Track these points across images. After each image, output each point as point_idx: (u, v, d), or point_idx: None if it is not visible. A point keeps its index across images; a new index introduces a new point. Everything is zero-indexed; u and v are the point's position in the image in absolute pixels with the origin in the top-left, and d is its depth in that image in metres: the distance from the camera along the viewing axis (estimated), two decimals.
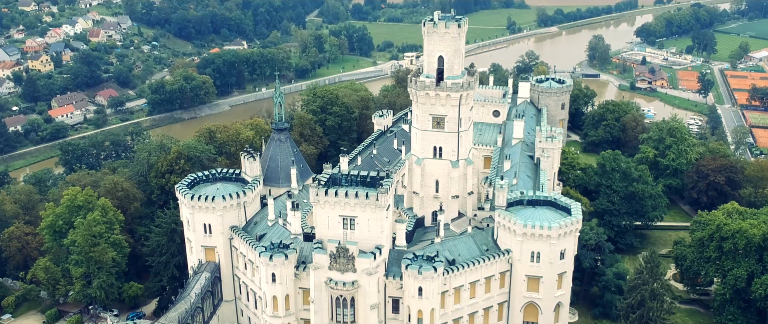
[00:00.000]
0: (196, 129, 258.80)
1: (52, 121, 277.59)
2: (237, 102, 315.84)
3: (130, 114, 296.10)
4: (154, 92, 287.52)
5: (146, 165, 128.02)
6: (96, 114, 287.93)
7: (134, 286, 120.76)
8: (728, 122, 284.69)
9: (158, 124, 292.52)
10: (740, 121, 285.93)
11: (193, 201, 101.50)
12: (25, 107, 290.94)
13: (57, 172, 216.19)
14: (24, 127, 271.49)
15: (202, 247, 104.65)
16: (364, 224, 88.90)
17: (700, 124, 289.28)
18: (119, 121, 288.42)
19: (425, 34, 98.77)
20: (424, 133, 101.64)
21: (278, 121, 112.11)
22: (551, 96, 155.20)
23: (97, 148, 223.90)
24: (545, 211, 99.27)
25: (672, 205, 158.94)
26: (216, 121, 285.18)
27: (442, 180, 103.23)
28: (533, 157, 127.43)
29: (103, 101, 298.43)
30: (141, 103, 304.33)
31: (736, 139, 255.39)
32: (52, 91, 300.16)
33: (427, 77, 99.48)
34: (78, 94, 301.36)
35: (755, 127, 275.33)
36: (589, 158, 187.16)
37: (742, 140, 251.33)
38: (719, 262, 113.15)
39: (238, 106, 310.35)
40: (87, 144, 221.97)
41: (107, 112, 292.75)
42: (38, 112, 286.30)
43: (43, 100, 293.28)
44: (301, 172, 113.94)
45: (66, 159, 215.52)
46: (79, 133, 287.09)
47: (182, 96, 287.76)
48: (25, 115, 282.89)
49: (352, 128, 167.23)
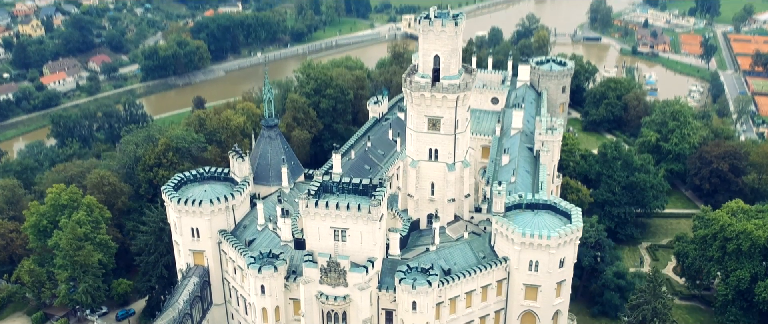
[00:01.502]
0: (190, 95, 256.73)
1: (43, 89, 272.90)
2: (232, 67, 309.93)
3: (124, 80, 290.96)
4: (147, 58, 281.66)
5: (133, 158, 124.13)
6: (89, 81, 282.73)
7: (123, 283, 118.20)
8: (730, 89, 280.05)
9: (152, 90, 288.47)
10: (743, 87, 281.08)
11: (179, 205, 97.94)
12: (16, 74, 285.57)
13: (49, 144, 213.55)
14: (15, 95, 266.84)
15: (191, 250, 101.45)
16: (356, 236, 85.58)
17: (702, 91, 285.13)
18: (112, 88, 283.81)
19: (420, 32, 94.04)
20: (419, 134, 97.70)
21: (268, 118, 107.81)
22: (552, 79, 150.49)
23: (89, 120, 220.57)
24: (545, 216, 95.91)
25: (674, 190, 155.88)
26: (211, 88, 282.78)
27: (438, 183, 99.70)
28: (532, 149, 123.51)
29: (95, 67, 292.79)
30: (134, 68, 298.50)
31: (738, 108, 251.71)
32: (43, 57, 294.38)
33: (423, 77, 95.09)
34: (70, 59, 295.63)
35: (758, 94, 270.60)
36: (589, 138, 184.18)
37: (744, 109, 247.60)
38: (722, 263, 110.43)
39: (234, 71, 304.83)
40: (79, 115, 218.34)
41: (100, 78, 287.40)
42: (30, 79, 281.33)
43: (34, 67, 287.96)
44: (293, 170, 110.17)
45: (57, 131, 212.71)
46: (71, 101, 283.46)
47: (176, 62, 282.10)
48: (16, 82, 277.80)
49: (347, 110, 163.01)
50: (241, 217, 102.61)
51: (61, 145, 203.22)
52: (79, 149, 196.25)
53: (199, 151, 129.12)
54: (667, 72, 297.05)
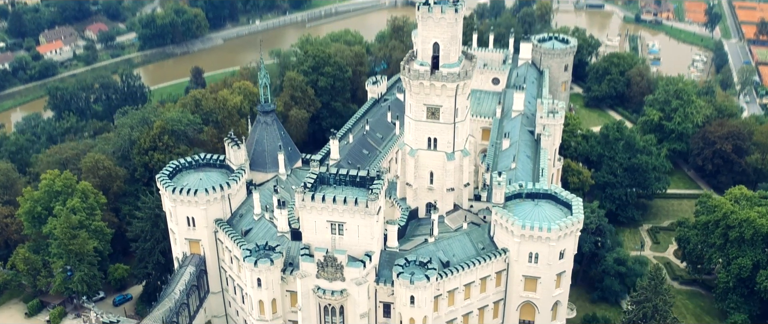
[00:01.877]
0: (188, 65, 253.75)
1: (40, 58, 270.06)
2: (230, 35, 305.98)
3: (121, 49, 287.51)
4: (144, 27, 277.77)
5: (128, 141, 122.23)
6: (85, 50, 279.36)
7: (120, 268, 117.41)
8: (734, 59, 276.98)
9: (150, 59, 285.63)
10: (747, 57, 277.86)
11: (174, 194, 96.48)
12: (12, 43, 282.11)
13: (46, 116, 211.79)
14: (11, 64, 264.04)
15: (186, 239, 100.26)
16: (353, 230, 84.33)
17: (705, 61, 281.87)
18: (109, 58, 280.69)
19: (419, 18, 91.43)
20: (418, 123, 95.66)
21: (264, 103, 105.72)
22: (554, 58, 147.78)
23: (86, 92, 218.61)
24: (545, 206, 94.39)
25: (675, 170, 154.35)
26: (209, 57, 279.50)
27: (436, 172, 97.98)
28: (533, 132, 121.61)
29: (92, 36, 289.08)
30: (132, 37, 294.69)
31: (741, 79, 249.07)
32: (39, 25, 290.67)
33: (422, 65, 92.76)
34: (66, 28, 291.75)
35: (762, 64, 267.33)
36: (591, 114, 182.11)
37: (748, 80, 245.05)
38: (724, 250, 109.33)
39: (232, 40, 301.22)
40: (76, 87, 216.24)
41: (97, 47, 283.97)
42: (26, 48, 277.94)
43: (30, 36, 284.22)
44: (290, 156, 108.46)
45: (54, 103, 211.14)
46: (68, 71, 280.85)
47: (174, 30, 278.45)
48: (12, 52, 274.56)
49: (346, 88, 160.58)
50: (237, 205, 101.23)
51: (58, 118, 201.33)
52: (76, 123, 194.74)
53: (195, 133, 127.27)
54: (670, 41, 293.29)
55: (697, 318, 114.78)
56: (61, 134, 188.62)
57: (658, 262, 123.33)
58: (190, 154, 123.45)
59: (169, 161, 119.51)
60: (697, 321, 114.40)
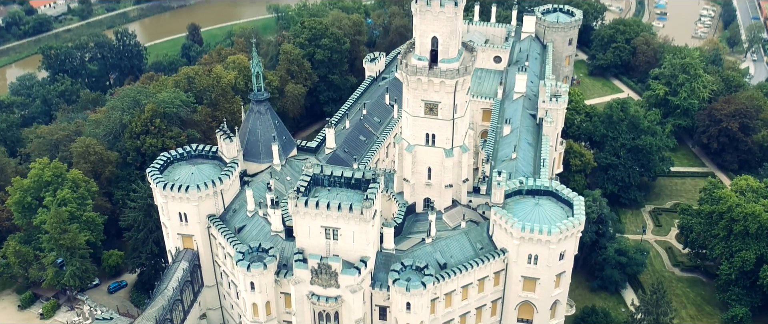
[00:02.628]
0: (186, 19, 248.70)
1: (34, 13, 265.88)
2: None
3: (117, 2, 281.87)
4: None
5: (119, 125, 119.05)
6: (80, 3, 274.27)
7: (114, 255, 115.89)
8: (743, 15, 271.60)
9: (146, 13, 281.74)
10: (756, 12, 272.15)
11: (166, 190, 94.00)
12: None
13: (40, 77, 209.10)
14: (5, 19, 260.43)
15: (179, 234, 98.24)
16: (348, 235, 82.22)
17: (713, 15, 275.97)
18: (105, 12, 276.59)
19: (417, 12, 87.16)
20: (415, 119, 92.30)
21: (257, 92, 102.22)
22: (558, 31, 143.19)
23: (80, 50, 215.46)
24: (546, 204, 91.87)
25: (680, 146, 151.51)
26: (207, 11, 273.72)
27: (434, 168, 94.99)
28: (535, 116, 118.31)
29: None
30: None
31: (749, 37, 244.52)
32: None
33: (419, 59, 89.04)
34: None
35: None
36: (594, 83, 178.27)
37: (756, 38, 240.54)
38: (727, 241, 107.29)
39: None
40: (70, 47, 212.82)
41: (92, 0, 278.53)
42: (19, 2, 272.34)
43: None
44: (284, 145, 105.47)
45: (49, 63, 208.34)
46: (63, 26, 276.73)
47: None
48: (4, 6, 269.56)
49: (343, 60, 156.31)
50: (230, 199, 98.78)
51: (52, 79, 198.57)
52: (70, 85, 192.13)
53: (188, 114, 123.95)
54: None
55: (698, 308, 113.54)
56: (56, 97, 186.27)
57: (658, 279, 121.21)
58: (183, 137, 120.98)
59: (162, 145, 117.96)
60: (698, 311, 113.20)
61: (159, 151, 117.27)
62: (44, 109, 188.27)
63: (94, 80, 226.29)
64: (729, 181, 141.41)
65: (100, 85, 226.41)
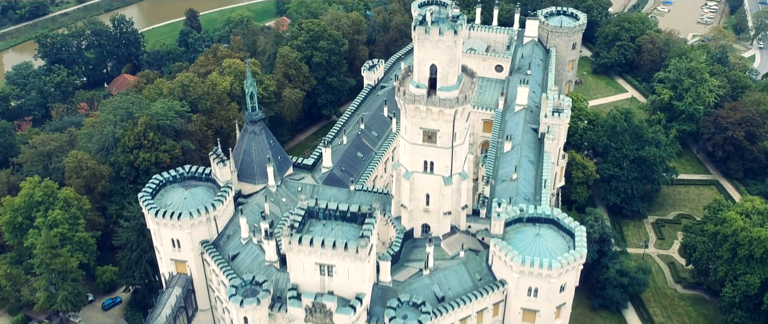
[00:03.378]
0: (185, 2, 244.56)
1: None
2: None
3: None
4: None
5: (112, 138, 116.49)
6: None
7: (108, 271, 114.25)
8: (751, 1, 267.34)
9: None
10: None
11: (157, 217, 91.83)
12: None
13: (37, 65, 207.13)
14: (1, 4, 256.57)
15: (172, 260, 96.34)
16: (343, 272, 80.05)
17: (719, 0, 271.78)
18: None
19: (416, 39, 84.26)
20: (413, 146, 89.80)
21: (251, 112, 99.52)
22: (561, 36, 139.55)
23: (77, 39, 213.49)
24: (546, 234, 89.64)
25: (684, 151, 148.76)
26: None
27: (433, 195, 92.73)
28: (537, 130, 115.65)
29: None
30: None
31: (756, 24, 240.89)
32: None
33: (418, 86, 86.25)
34: None
35: None
36: (598, 82, 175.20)
37: (763, 25, 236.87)
38: (732, 264, 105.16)
39: None
40: (66, 35, 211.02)
41: None
42: None
43: None
44: (280, 165, 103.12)
45: (45, 52, 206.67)
46: (60, 9, 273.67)
47: None
48: None
49: (341, 62, 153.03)
50: (224, 223, 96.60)
51: (48, 70, 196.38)
52: (66, 77, 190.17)
53: (183, 124, 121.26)
54: None
55: None
56: (52, 89, 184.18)
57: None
58: (178, 150, 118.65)
59: (155, 159, 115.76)
60: None
61: (153, 165, 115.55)
62: (40, 102, 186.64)
63: (91, 68, 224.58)
64: (733, 189, 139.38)
65: (97, 73, 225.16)
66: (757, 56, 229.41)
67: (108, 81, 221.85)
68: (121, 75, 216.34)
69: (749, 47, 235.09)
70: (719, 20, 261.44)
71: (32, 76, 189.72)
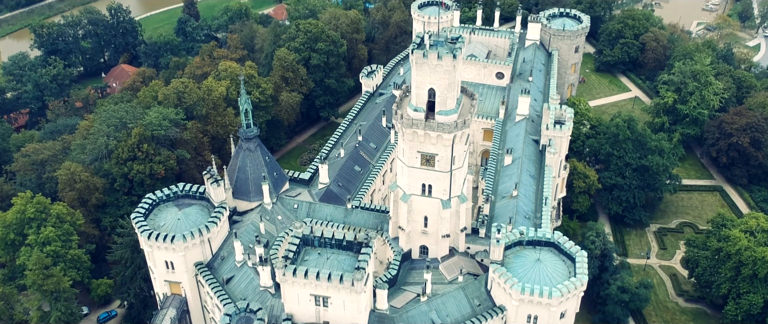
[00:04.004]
0: None
1: None
2: None
3: None
4: None
5: (105, 150, 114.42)
6: None
7: (103, 285, 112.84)
8: None
9: None
10: None
11: (150, 240, 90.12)
12: None
13: (33, 55, 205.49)
14: None
15: (166, 281, 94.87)
16: (339, 304, 78.58)
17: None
18: None
19: (413, 63, 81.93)
20: (411, 170, 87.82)
21: (246, 129, 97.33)
22: (564, 39, 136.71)
23: (73, 28, 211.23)
24: (547, 259, 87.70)
25: (687, 155, 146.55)
26: None
27: (431, 218, 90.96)
28: (538, 142, 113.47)
29: None
30: None
31: (762, 11, 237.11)
32: None
33: (416, 110, 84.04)
34: None
35: None
36: (601, 80, 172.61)
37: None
38: (735, 282, 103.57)
39: None
40: (62, 25, 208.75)
41: None
42: None
43: None
44: (275, 182, 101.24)
45: (41, 42, 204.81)
46: None
47: None
48: None
49: (340, 63, 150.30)
50: (219, 244, 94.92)
51: (44, 61, 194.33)
52: (62, 69, 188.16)
53: (178, 133, 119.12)
54: None
55: None
56: (49, 81, 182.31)
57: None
58: (173, 160, 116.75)
59: (150, 171, 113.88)
60: None
61: (147, 177, 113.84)
62: (36, 95, 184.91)
63: (89, 58, 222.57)
64: (737, 195, 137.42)
65: (94, 63, 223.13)
66: (762, 45, 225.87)
67: (105, 71, 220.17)
68: (118, 65, 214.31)
69: (755, 36, 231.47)
70: (724, 8, 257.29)
71: (28, 67, 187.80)
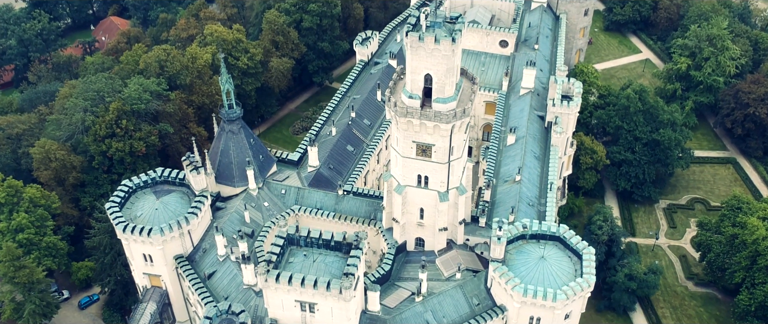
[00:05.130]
0: None
1: None
2: None
3: None
4: None
5: (81, 126, 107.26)
6: None
7: (84, 268, 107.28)
8: None
9: None
10: None
11: (126, 233, 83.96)
12: None
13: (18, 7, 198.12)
14: None
15: (145, 274, 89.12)
16: (326, 310, 72.74)
17: None
18: None
19: (408, 46, 74.26)
20: (406, 160, 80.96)
21: (228, 110, 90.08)
22: (573, 2, 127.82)
23: None
24: (552, 255, 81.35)
25: (700, 123, 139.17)
26: None
27: (428, 210, 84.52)
28: (544, 118, 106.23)
29: None
30: None
31: None
32: None
33: (411, 97, 76.73)
34: None
35: None
36: (610, 40, 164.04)
37: None
38: (750, 271, 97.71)
39: None
40: None
41: None
42: None
43: None
44: (261, 165, 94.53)
45: None
46: None
47: None
48: None
49: (334, 25, 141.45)
50: (200, 235, 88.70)
51: (28, 14, 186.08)
52: (47, 24, 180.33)
53: (161, 104, 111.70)
54: None
55: None
56: (34, 37, 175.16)
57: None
58: (154, 136, 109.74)
59: (130, 149, 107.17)
60: None
61: (127, 155, 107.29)
62: (21, 51, 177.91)
63: (76, 9, 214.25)
64: (752, 168, 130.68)
65: (82, 15, 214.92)
66: None
67: (94, 23, 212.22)
68: (107, 18, 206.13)
69: None
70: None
71: (13, 21, 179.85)
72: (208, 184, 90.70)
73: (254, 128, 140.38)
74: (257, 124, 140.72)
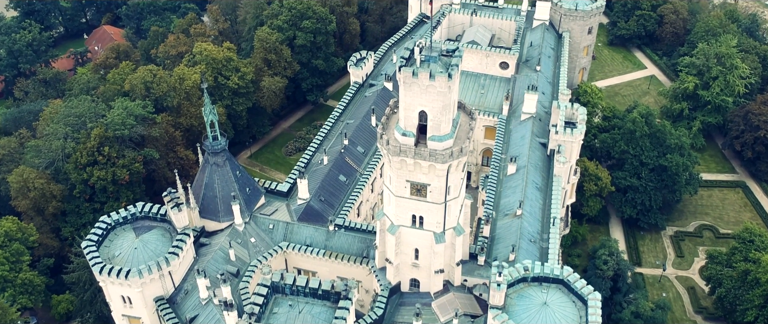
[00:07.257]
0: None
1: None
2: None
3: None
4: None
5: (62, 153, 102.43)
6: None
7: (64, 302, 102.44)
8: None
9: None
10: None
11: (102, 275, 79.13)
12: None
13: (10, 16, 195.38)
14: None
15: (124, 316, 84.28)
16: None
17: None
18: None
19: (401, 82, 69.38)
20: (399, 199, 76.12)
21: (213, 142, 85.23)
22: (576, 20, 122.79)
23: None
24: (555, 299, 76.27)
25: (708, 145, 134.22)
26: None
27: (423, 251, 79.74)
28: (546, 146, 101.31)
29: None
30: None
31: None
32: None
33: (404, 134, 71.87)
34: None
35: None
36: (614, 55, 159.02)
37: None
38: (764, 311, 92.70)
39: None
40: None
41: None
42: None
43: None
44: (248, 199, 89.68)
45: (17, 1, 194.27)
46: None
47: None
48: None
49: (329, 41, 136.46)
50: (182, 274, 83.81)
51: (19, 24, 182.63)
52: (38, 34, 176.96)
53: (146, 128, 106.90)
54: None
55: None
56: (24, 47, 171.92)
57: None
58: (138, 163, 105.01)
59: (112, 177, 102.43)
60: None
61: (109, 183, 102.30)
62: (11, 62, 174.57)
63: (69, 18, 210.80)
64: (762, 192, 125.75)
65: (75, 23, 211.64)
66: None
67: (87, 32, 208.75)
68: (101, 27, 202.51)
69: None
70: None
71: (3, 31, 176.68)
72: (191, 218, 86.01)
73: (246, 149, 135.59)
74: (249, 145, 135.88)
